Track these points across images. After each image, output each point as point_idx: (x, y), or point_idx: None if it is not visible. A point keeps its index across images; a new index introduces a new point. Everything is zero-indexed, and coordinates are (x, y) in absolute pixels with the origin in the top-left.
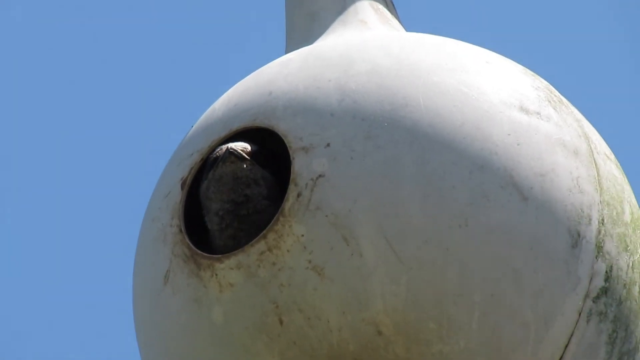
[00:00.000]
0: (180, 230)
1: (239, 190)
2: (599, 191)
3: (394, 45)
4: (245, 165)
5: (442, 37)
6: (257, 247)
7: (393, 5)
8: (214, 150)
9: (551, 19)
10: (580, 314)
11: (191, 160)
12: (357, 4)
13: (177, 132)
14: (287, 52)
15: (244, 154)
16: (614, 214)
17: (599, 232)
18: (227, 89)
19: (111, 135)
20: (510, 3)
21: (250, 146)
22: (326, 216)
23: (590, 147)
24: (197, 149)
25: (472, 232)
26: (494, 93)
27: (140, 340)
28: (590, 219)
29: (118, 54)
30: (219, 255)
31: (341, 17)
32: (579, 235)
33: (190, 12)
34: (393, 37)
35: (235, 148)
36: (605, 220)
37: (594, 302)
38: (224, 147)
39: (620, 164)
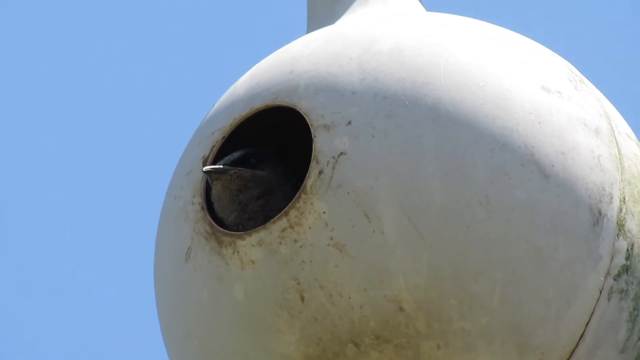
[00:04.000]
0: (202, 208)
1: (235, 200)
2: (620, 170)
3: (415, 24)
4: (228, 177)
5: (462, 17)
6: (279, 224)
7: None
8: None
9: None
10: (601, 292)
11: (212, 139)
12: None
13: (197, 113)
14: (308, 31)
15: (218, 167)
16: (635, 192)
17: (620, 210)
18: (249, 69)
19: (128, 118)
20: None
21: (234, 155)
22: (348, 193)
23: (612, 126)
24: (218, 127)
25: (493, 209)
26: (514, 72)
27: (161, 318)
28: (611, 197)
29: (126, 40)
30: (241, 232)
31: None
32: (600, 213)
33: None
34: (414, 16)
35: (208, 168)
36: (626, 199)
37: (615, 280)
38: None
39: None
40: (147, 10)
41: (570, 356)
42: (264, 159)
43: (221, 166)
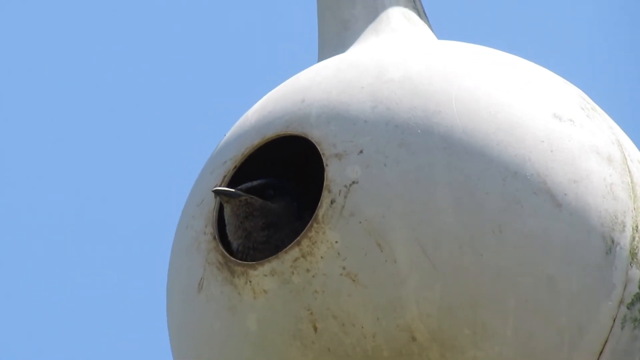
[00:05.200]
0: (214, 238)
1: (241, 226)
2: (632, 198)
3: (426, 52)
4: (238, 202)
5: (472, 44)
6: (291, 253)
7: (425, 13)
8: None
9: (586, 28)
10: (614, 320)
11: (224, 168)
12: (389, 12)
13: (211, 140)
14: (319, 60)
15: (227, 190)
16: None
17: (633, 238)
18: (260, 97)
19: (144, 142)
20: (546, 14)
21: (253, 183)
22: (360, 222)
23: (624, 154)
24: (230, 157)
25: (505, 238)
26: (526, 100)
27: (174, 348)
28: (624, 226)
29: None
30: (253, 262)
31: (373, 25)
32: (612, 241)
33: (222, 20)
34: (425, 44)
35: (219, 189)
36: (639, 227)
37: (628, 308)
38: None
39: None
40: (161, 40)
41: None
42: (283, 193)
43: (232, 190)
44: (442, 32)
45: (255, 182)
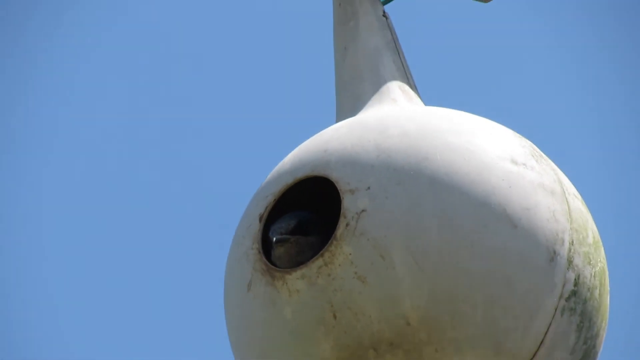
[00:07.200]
0: (259, 252)
1: (294, 261)
2: (569, 221)
3: (417, 115)
4: (290, 244)
5: (452, 110)
6: (317, 263)
7: (415, 85)
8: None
9: (533, 95)
10: (556, 310)
11: (267, 201)
12: (389, 86)
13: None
14: (337, 121)
15: (284, 237)
16: (581, 237)
17: (570, 250)
18: (291, 150)
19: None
20: (502, 85)
21: (290, 223)
22: (367, 240)
23: (563, 189)
24: (271, 192)
25: (476, 251)
26: (491, 150)
27: (230, 335)
28: (563, 241)
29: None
30: (288, 269)
31: (377, 96)
32: (555, 252)
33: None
34: (416, 109)
35: (279, 237)
36: (574, 242)
37: (566, 301)
38: (274, 238)
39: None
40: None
41: (533, 356)
42: (312, 225)
43: (286, 236)
44: (427, 98)
45: (292, 223)
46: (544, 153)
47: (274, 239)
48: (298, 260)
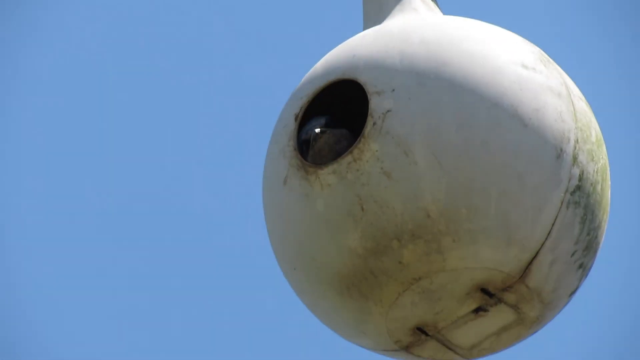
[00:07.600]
0: (295, 149)
1: (334, 150)
2: (574, 121)
3: (437, 24)
4: (328, 134)
5: (468, 19)
6: (347, 159)
7: None
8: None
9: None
10: (562, 203)
11: (302, 102)
12: None
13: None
14: (364, 29)
15: (321, 129)
16: (585, 136)
17: (575, 148)
18: (323, 55)
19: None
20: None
21: (320, 120)
22: (392, 138)
23: (569, 92)
24: (305, 94)
25: (490, 148)
26: (503, 55)
27: (268, 225)
28: (569, 139)
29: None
30: (321, 164)
31: (399, 7)
32: (561, 150)
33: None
34: (436, 19)
35: (316, 131)
36: (579, 140)
37: (571, 195)
38: (310, 132)
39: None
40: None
41: (541, 246)
42: (337, 123)
43: (324, 128)
44: (446, 8)
45: (321, 120)
46: (552, 58)
47: (315, 130)
48: (337, 149)
